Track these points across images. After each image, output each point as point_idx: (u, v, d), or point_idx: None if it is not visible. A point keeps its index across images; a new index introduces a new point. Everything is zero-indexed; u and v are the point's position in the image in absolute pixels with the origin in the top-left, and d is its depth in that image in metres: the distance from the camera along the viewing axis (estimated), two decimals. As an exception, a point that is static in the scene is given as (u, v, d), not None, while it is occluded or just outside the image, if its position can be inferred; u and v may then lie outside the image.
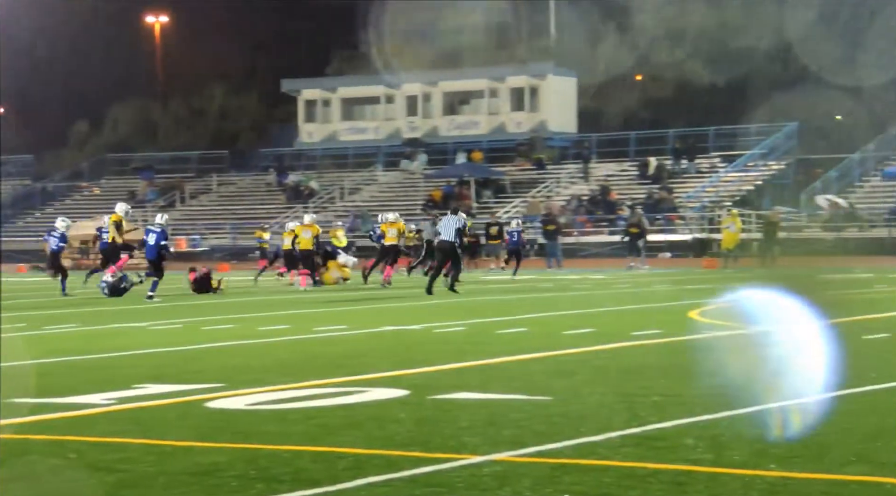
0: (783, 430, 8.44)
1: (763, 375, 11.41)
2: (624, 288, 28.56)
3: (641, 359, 13.09)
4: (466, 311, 21.00)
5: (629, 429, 8.54)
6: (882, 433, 8.27)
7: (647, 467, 7.33)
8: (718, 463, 7.42)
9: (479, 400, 10.20)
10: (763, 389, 10.44)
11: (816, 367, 12.11)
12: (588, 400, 10.06)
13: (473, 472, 7.30)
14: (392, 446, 8.06)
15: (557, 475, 7.21)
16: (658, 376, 11.51)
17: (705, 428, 8.62)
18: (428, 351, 14.36)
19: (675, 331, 16.08)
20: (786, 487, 6.81)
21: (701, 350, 13.94)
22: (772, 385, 10.72)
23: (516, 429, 8.66)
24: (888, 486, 6.76)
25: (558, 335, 15.93)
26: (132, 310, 22.56)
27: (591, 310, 21.01)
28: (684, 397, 10.06)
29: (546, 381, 11.27)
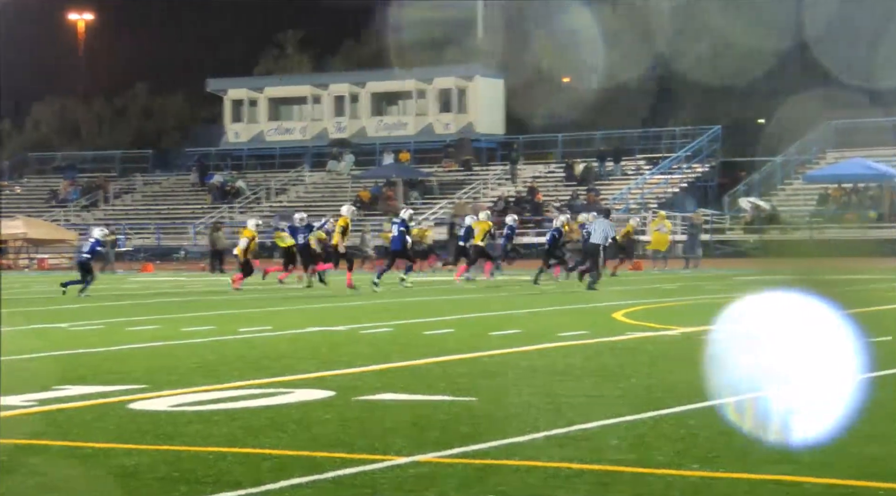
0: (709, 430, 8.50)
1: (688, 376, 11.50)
2: (551, 289, 28.66)
3: (567, 359, 13.14)
4: (393, 312, 20.98)
5: (554, 430, 8.56)
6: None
7: (571, 467, 7.35)
8: (642, 463, 7.46)
9: (405, 401, 10.19)
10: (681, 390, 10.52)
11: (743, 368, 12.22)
12: (514, 400, 10.08)
13: (398, 474, 7.28)
14: (316, 447, 8.02)
15: (483, 476, 7.21)
16: (584, 377, 11.56)
17: (630, 428, 8.66)
18: (354, 352, 14.31)
19: (601, 332, 16.16)
20: (708, 487, 6.86)
21: (626, 351, 14.03)
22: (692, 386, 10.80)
23: (442, 430, 8.65)
24: (808, 486, 6.83)
25: (485, 336, 15.94)
26: (54, 311, 22.28)
27: (518, 312, 21.07)
28: (609, 398, 10.10)
29: (472, 382, 11.28)
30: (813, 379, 10.49)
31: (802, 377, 10.52)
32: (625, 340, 15.16)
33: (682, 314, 20.40)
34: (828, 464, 7.36)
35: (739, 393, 9.53)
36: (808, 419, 8.89)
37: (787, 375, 11.39)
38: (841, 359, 11.40)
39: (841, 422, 8.78)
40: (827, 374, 10.69)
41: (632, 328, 16.75)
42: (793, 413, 9.02)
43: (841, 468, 7.23)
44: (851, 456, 7.58)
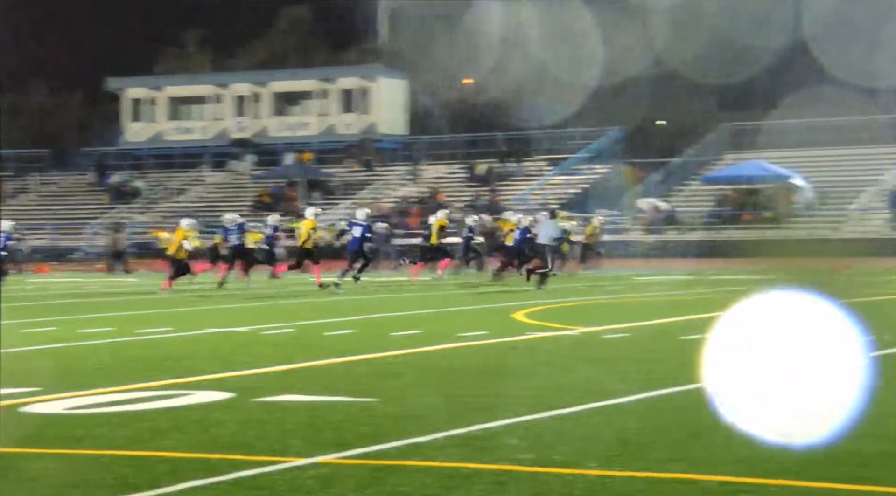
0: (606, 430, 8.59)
1: (587, 375, 11.61)
2: (452, 289, 28.74)
3: (467, 360, 13.19)
4: (295, 313, 20.90)
5: (453, 430, 8.59)
6: (700, 431, 8.48)
7: (470, 467, 7.39)
8: (540, 462, 7.51)
9: (305, 402, 10.16)
10: (581, 390, 10.62)
11: (636, 368, 12.38)
12: (413, 401, 10.10)
13: (297, 475, 7.27)
14: (215, 449, 7.97)
15: (381, 476, 7.22)
16: (483, 377, 11.61)
17: (528, 428, 8.72)
18: (254, 353, 14.23)
19: (501, 332, 16.24)
20: (605, 486, 6.93)
21: (526, 351, 14.12)
22: (591, 386, 10.91)
23: (341, 431, 8.64)
24: (705, 484, 6.93)
25: (385, 336, 15.95)
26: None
27: (419, 312, 21.10)
28: (508, 398, 10.16)
29: (372, 383, 11.28)
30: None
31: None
32: (525, 340, 15.26)
33: (581, 314, 20.58)
34: (718, 461, 7.48)
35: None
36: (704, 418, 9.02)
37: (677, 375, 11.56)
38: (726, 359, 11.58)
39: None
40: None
41: (532, 328, 16.86)
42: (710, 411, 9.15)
43: (730, 466, 7.34)
44: (739, 453, 7.70)
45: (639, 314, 19.53)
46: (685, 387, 10.61)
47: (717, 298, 24.04)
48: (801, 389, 8.39)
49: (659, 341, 14.89)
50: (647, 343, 14.74)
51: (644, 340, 15.08)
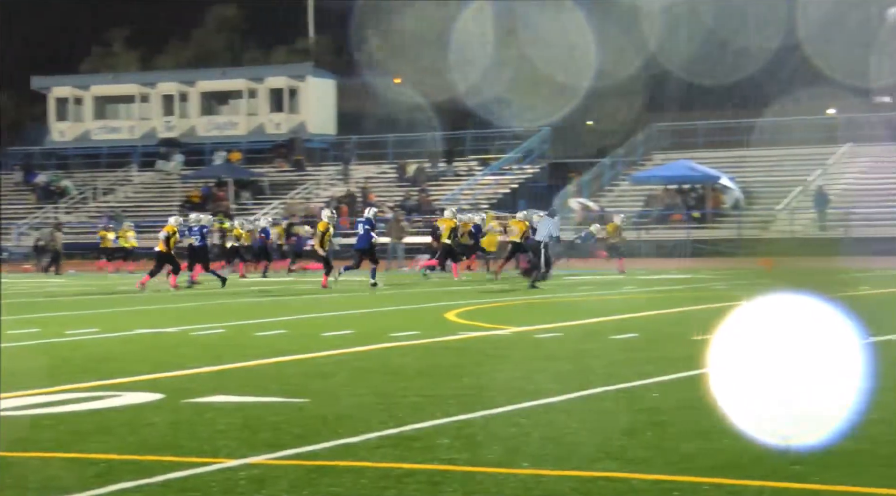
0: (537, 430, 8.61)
1: (519, 375, 11.64)
2: (384, 290, 28.71)
3: (399, 360, 13.18)
4: (225, 314, 20.77)
5: (386, 430, 8.58)
6: (631, 430, 8.53)
7: (403, 467, 7.38)
8: (473, 462, 7.52)
9: (236, 403, 10.10)
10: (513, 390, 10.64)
11: (567, 367, 12.43)
12: (346, 401, 10.07)
13: (229, 476, 7.22)
14: (145, 451, 7.90)
15: (314, 477, 7.19)
16: (415, 377, 11.60)
17: (461, 427, 8.73)
18: (184, 354, 14.12)
19: (433, 332, 16.24)
20: (538, 485, 6.95)
21: (458, 351, 14.12)
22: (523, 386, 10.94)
23: (273, 432, 8.60)
24: (635, 482, 6.97)
25: (317, 337, 15.90)
26: None
27: (351, 312, 21.05)
28: (441, 397, 10.16)
29: (304, 383, 11.24)
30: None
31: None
32: (457, 340, 15.27)
33: (513, 314, 20.64)
34: (649, 460, 7.53)
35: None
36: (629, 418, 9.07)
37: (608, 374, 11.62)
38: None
39: (661, 419, 8.99)
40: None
41: (464, 328, 16.88)
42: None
43: (661, 464, 7.40)
44: (671, 452, 7.76)
45: (570, 314, 19.62)
46: (617, 386, 10.67)
47: (648, 298, 24.24)
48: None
49: (590, 341, 14.96)
50: (579, 342, 14.80)
51: (575, 340, 15.14)
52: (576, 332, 16.09)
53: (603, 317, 18.56)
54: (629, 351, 13.77)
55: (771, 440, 7.64)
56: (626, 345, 14.46)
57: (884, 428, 8.50)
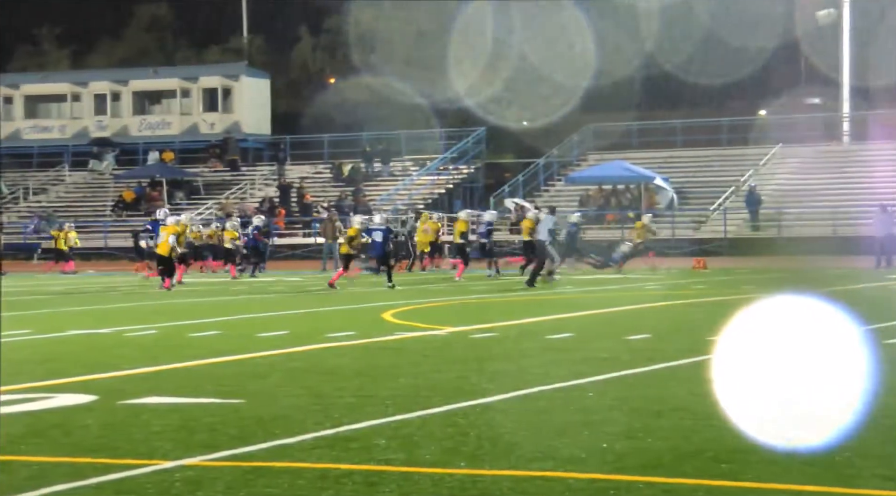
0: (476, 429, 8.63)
1: (456, 375, 11.66)
2: (318, 290, 28.64)
3: (335, 360, 13.16)
4: (159, 315, 20.62)
5: (323, 431, 8.57)
6: (567, 429, 8.57)
7: (340, 468, 7.37)
8: (410, 462, 7.53)
9: (172, 404, 10.03)
10: (449, 390, 10.66)
11: (504, 367, 12.47)
12: (282, 402, 10.04)
13: (164, 478, 7.18)
14: (78, 453, 7.83)
15: (251, 478, 7.17)
16: (352, 377, 11.58)
17: (398, 428, 8.73)
18: (118, 355, 14.00)
19: (369, 332, 16.22)
20: (475, 484, 6.97)
21: (394, 351, 14.12)
22: (459, 386, 10.96)
23: (209, 433, 8.56)
24: (571, 481, 7.01)
25: (252, 337, 15.83)
26: None
27: (286, 313, 20.97)
28: (377, 398, 10.16)
29: (239, 384, 11.19)
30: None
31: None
32: (393, 340, 15.27)
33: (449, 314, 20.66)
34: (585, 459, 7.57)
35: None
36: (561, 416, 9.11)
37: (544, 374, 11.67)
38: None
39: (596, 419, 9.05)
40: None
41: (400, 328, 16.88)
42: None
43: (596, 463, 7.45)
44: (606, 451, 7.81)
45: (506, 314, 19.68)
46: (552, 386, 10.72)
47: (583, 298, 24.36)
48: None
49: (526, 341, 15.02)
50: (515, 342, 14.85)
51: (511, 340, 15.19)
52: (512, 332, 16.14)
53: (539, 317, 18.63)
54: (565, 351, 13.84)
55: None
56: (561, 344, 14.53)
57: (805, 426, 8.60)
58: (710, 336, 14.77)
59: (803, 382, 10.88)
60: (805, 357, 12.43)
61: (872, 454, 7.55)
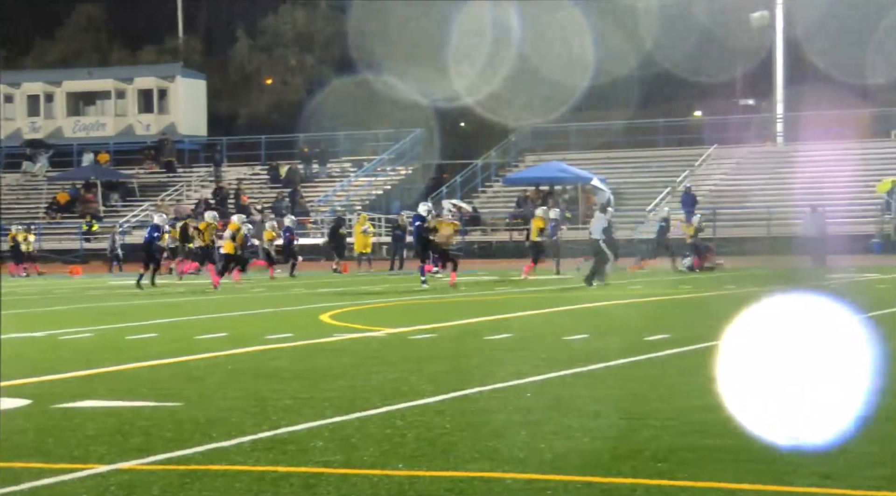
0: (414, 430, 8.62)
1: (394, 376, 11.64)
2: (258, 292, 28.52)
3: (273, 362, 13.09)
4: (95, 317, 20.43)
5: (260, 433, 8.52)
6: (505, 430, 8.58)
7: (278, 470, 7.34)
8: (348, 464, 7.51)
9: (107, 408, 9.94)
10: (387, 391, 10.65)
11: (442, 368, 12.47)
12: (219, 405, 9.97)
13: (99, 482, 7.10)
14: (12, 458, 7.74)
15: (187, 482, 7.11)
16: (290, 379, 11.53)
17: (336, 429, 8.70)
18: (52, 358, 13.86)
19: (307, 334, 16.17)
20: (413, 486, 6.96)
21: (332, 352, 14.08)
22: (398, 387, 10.95)
23: (145, 437, 8.48)
24: (509, 482, 7.01)
25: (189, 340, 15.72)
26: None
27: (224, 314, 20.85)
28: (315, 400, 10.12)
29: (176, 387, 11.10)
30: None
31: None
32: (331, 342, 15.23)
33: (387, 315, 20.63)
34: (523, 459, 7.58)
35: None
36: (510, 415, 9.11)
37: (484, 375, 11.68)
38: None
39: (534, 419, 9.07)
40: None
41: (338, 330, 16.84)
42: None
43: (535, 464, 7.46)
44: (544, 451, 7.83)
45: (444, 314, 19.68)
46: (491, 387, 10.73)
47: (522, 298, 24.42)
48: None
49: (465, 341, 15.03)
50: (453, 343, 14.86)
51: (450, 340, 15.20)
52: (451, 333, 16.15)
53: (477, 318, 18.66)
54: (503, 351, 13.86)
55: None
56: (500, 345, 14.56)
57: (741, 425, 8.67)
58: (647, 336, 14.86)
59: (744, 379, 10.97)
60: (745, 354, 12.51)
61: (808, 452, 7.62)
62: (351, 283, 31.60)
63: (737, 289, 25.60)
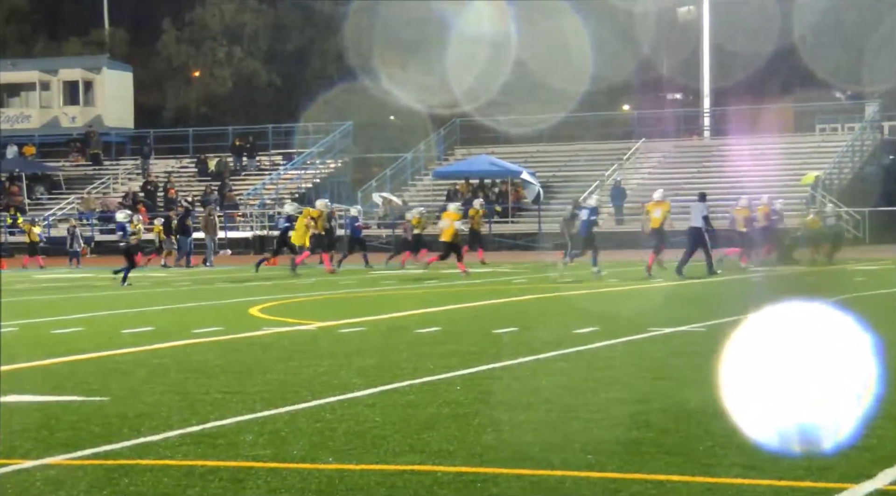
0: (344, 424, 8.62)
1: (324, 370, 11.63)
2: (184, 285, 28.32)
3: (201, 356, 13.02)
4: (19, 311, 20.17)
5: (189, 428, 8.48)
6: (435, 423, 8.60)
7: (206, 465, 7.30)
8: (278, 458, 7.49)
9: (33, 402, 9.84)
10: (317, 385, 10.64)
11: (372, 362, 12.47)
12: (146, 399, 9.91)
13: (26, 478, 7.04)
14: (-64, 455, 7.64)
15: (115, 477, 7.06)
16: (218, 373, 11.48)
17: (265, 423, 8.68)
18: (-24, 354, 13.67)
19: (236, 328, 16.09)
20: (343, 479, 6.96)
21: (262, 346, 14.02)
22: (328, 381, 10.94)
23: (72, 432, 8.41)
24: (439, 474, 7.03)
25: (116, 334, 15.59)
26: None
27: (151, 308, 20.69)
28: (244, 394, 10.08)
29: (103, 381, 11.01)
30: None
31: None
32: (261, 336, 15.17)
33: (317, 309, 20.57)
34: (452, 452, 7.61)
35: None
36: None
37: (414, 367, 11.69)
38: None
39: (463, 412, 9.10)
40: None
41: (268, 323, 16.77)
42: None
43: (464, 456, 7.48)
44: (473, 444, 7.86)
45: (374, 308, 19.67)
46: (421, 380, 10.75)
47: (450, 292, 24.46)
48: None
49: (395, 335, 15.03)
50: (383, 337, 14.86)
51: (380, 334, 15.20)
52: (380, 327, 16.15)
53: (407, 312, 18.66)
54: (433, 344, 13.88)
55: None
56: (429, 338, 14.58)
57: (667, 417, 8.76)
58: (576, 328, 14.95)
59: (672, 371, 11.08)
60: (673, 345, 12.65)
61: (732, 443, 7.71)
62: (281, 277, 31.47)
63: (664, 282, 25.81)
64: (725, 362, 11.91)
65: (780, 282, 26.07)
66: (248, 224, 52.33)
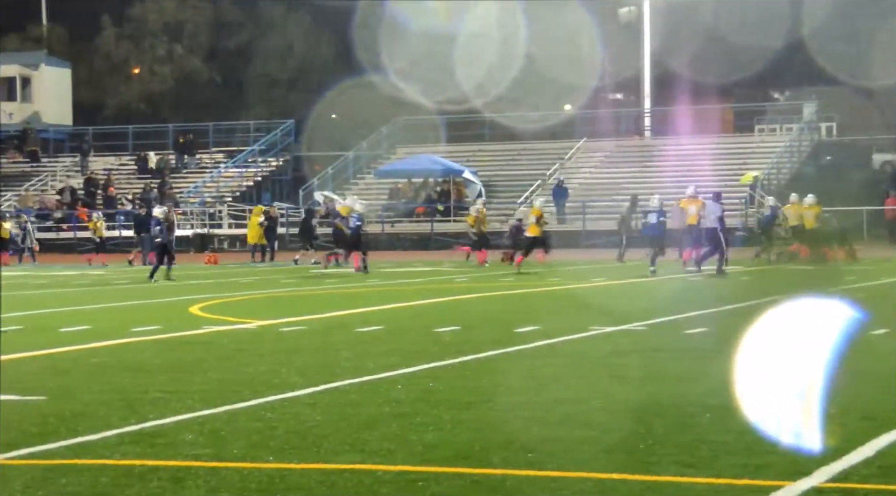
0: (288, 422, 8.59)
1: (264, 369, 11.58)
2: (123, 284, 28.10)
3: (140, 355, 12.92)
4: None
5: (127, 427, 8.41)
6: (376, 422, 8.59)
7: (145, 464, 7.25)
8: (218, 457, 7.45)
9: (-32, 402, 9.72)
10: (258, 384, 10.60)
11: (312, 361, 12.43)
12: (84, 398, 9.82)
13: (-39, 479, 6.94)
14: None
15: (52, 477, 6.99)
16: (157, 372, 11.40)
17: (205, 423, 8.62)
18: (-89, 353, 13.49)
19: (176, 326, 15.99)
20: (283, 479, 6.93)
21: (201, 345, 13.94)
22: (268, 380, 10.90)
23: (8, 431, 8.32)
24: (379, 473, 7.02)
25: (54, 332, 15.44)
26: None
27: (89, 307, 20.51)
28: (184, 393, 10.01)
29: (40, 381, 10.90)
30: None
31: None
32: (200, 334, 15.08)
33: (258, 307, 20.49)
34: (393, 451, 7.60)
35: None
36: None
37: (355, 366, 11.67)
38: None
39: (404, 411, 9.09)
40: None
41: (208, 322, 16.68)
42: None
43: (406, 455, 7.48)
44: (414, 443, 7.85)
45: (315, 307, 19.61)
46: (361, 379, 10.72)
47: (392, 291, 24.44)
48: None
49: (335, 334, 14.99)
50: (324, 335, 14.81)
51: (320, 333, 15.15)
52: (321, 325, 16.10)
53: (348, 310, 18.62)
54: (374, 343, 13.86)
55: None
56: (370, 337, 14.55)
57: (607, 416, 8.81)
58: (517, 327, 14.98)
59: (613, 370, 11.13)
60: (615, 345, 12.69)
61: (671, 442, 7.76)
62: (222, 275, 31.30)
63: (606, 281, 25.93)
64: (666, 361, 11.99)
65: (724, 282, 26.27)
66: (188, 222, 52.01)
